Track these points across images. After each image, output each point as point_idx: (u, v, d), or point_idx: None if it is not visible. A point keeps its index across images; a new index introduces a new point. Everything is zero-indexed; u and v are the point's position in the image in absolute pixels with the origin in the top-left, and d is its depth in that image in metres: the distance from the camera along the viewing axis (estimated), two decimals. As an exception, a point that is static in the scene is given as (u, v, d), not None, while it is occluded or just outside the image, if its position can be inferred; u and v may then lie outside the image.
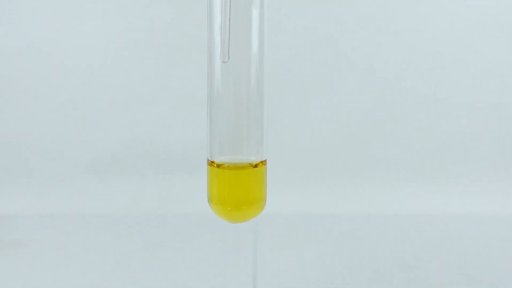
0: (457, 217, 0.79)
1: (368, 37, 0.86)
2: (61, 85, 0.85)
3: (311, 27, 0.85)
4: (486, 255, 0.66)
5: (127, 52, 0.85)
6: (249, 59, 0.35)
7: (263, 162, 0.39)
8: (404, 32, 0.86)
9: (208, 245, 0.68)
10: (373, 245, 0.69)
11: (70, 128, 0.85)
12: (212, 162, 0.37)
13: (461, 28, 0.86)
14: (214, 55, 0.35)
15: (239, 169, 0.37)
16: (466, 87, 0.87)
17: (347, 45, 0.86)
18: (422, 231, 0.74)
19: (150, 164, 0.86)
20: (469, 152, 0.87)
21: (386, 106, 0.87)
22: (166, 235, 0.73)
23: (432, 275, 0.60)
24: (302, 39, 0.85)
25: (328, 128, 0.87)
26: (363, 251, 0.67)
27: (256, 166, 0.38)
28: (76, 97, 0.85)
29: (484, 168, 0.87)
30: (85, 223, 0.76)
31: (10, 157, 0.85)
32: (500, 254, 0.67)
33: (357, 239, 0.71)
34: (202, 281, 0.58)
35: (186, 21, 0.83)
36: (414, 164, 0.87)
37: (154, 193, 0.83)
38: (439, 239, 0.72)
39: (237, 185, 0.38)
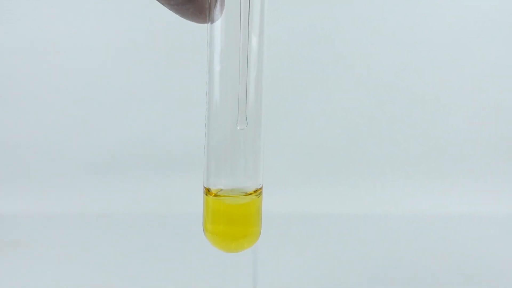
0: (455, 217, 0.79)
1: (365, 37, 0.86)
2: (61, 85, 0.85)
3: (307, 27, 0.85)
4: (484, 255, 0.66)
5: (127, 52, 0.85)
6: (246, 84, 0.34)
7: (258, 190, 0.37)
8: (401, 32, 0.86)
9: (208, 245, 0.68)
10: (371, 245, 0.69)
11: (70, 128, 0.85)
12: (208, 189, 0.36)
13: (458, 28, 0.86)
14: (213, 83, 0.35)
15: (236, 199, 0.36)
16: (463, 86, 0.87)
17: (343, 45, 0.86)
18: (420, 231, 0.74)
19: (150, 164, 0.86)
20: (466, 152, 0.87)
21: (383, 105, 0.87)
22: (166, 235, 0.73)
23: (430, 274, 0.61)
24: (298, 39, 0.85)
25: (325, 128, 0.87)
26: (362, 251, 0.67)
27: (251, 194, 0.36)
28: (76, 97, 0.85)
29: (481, 168, 0.87)
30: (85, 223, 0.76)
31: (10, 157, 0.85)
32: (498, 254, 0.67)
33: (355, 239, 0.72)
34: (202, 281, 0.59)
35: (186, 22, 0.83)
36: (412, 164, 0.87)
37: (154, 193, 0.83)
38: (437, 239, 0.72)
39: (233, 218, 0.37)
